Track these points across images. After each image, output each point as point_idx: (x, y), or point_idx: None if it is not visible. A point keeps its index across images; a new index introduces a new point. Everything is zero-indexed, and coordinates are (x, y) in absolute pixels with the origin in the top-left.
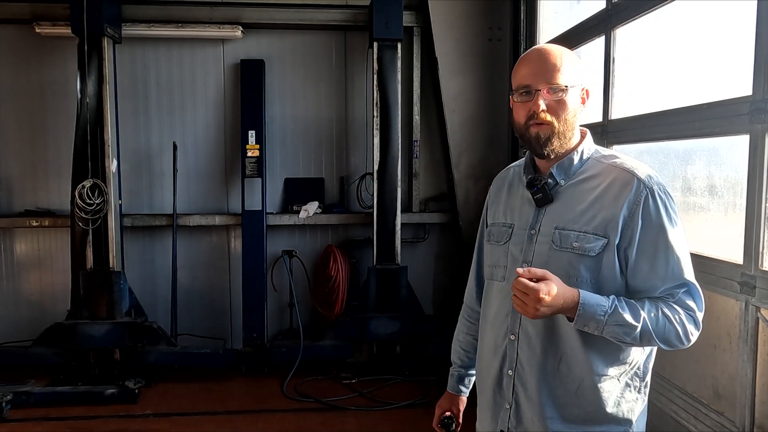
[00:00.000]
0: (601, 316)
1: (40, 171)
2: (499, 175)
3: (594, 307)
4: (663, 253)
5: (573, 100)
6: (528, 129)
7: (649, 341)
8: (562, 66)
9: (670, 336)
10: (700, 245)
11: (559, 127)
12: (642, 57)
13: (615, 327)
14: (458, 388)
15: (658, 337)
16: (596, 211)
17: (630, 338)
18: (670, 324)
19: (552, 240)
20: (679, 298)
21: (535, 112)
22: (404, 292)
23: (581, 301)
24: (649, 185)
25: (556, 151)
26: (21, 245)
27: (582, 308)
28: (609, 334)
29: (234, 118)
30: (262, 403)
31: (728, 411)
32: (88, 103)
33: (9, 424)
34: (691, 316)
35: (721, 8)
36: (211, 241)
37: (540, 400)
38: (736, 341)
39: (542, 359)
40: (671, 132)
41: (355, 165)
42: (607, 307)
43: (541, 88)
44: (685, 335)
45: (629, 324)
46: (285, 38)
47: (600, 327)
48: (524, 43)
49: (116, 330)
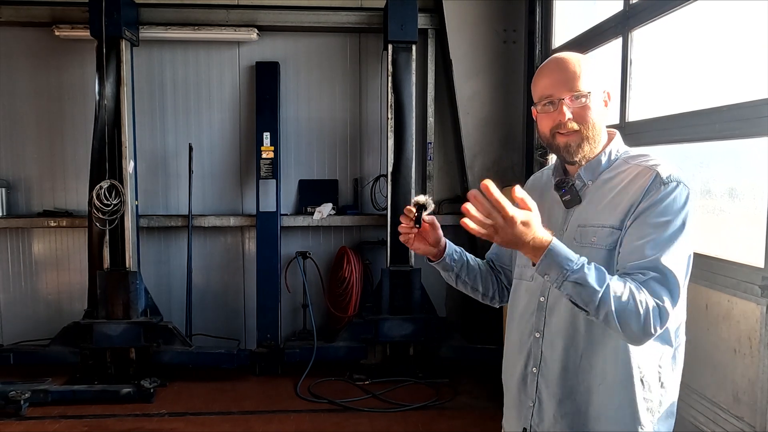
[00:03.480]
0: (564, 269)
1: (58, 172)
2: (533, 176)
3: (560, 257)
4: (652, 232)
5: (596, 104)
6: (555, 138)
7: (606, 314)
8: (582, 72)
9: (630, 318)
10: (720, 249)
11: (587, 132)
12: (660, 58)
13: (575, 285)
14: (451, 251)
15: (616, 313)
16: (615, 205)
17: (587, 303)
18: (634, 305)
19: (574, 237)
20: (648, 281)
21: (561, 121)
22: (417, 293)
23: (551, 246)
24: (666, 179)
25: (588, 156)
26: (39, 245)
27: (548, 253)
28: (567, 291)
29: (249, 119)
30: (276, 403)
31: (748, 416)
32: (106, 105)
33: (27, 421)
34: (658, 307)
35: (741, 9)
36: (225, 242)
37: (562, 397)
38: (756, 345)
39: (564, 356)
40: (690, 134)
41: (369, 167)
42: (575, 262)
43: (564, 96)
44: (647, 325)
45: (590, 286)
46: (300, 40)
47: (560, 279)
48: (539, 44)
49: (132, 329)
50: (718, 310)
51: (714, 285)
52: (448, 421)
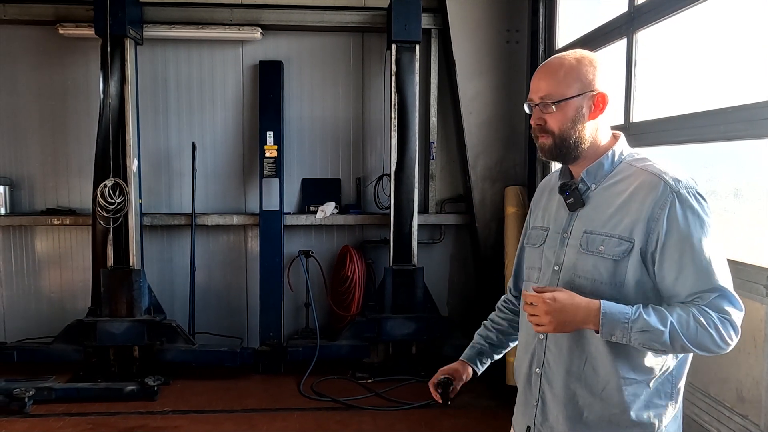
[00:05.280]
0: (624, 323)
1: (62, 170)
2: (544, 179)
3: (617, 315)
4: (689, 258)
5: (573, 110)
6: (537, 139)
7: (682, 347)
8: (560, 78)
9: (704, 340)
10: (725, 249)
11: (556, 138)
12: (664, 59)
13: (641, 333)
14: (474, 359)
15: (690, 342)
16: (623, 215)
17: (659, 344)
18: (703, 329)
19: (580, 243)
20: (711, 301)
21: (536, 124)
22: (420, 292)
23: (603, 309)
24: (675, 189)
25: (567, 158)
26: (42, 243)
27: (604, 317)
28: (637, 342)
29: (252, 118)
30: (279, 401)
31: (753, 414)
32: (110, 103)
33: (32, 419)
34: (726, 320)
35: (746, 10)
36: (228, 240)
37: (565, 399)
38: (761, 344)
39: (568, 359)
40: (695, 135)
41: (372, 166)
42: (630, 313)
43: (538, 103)
44: (722, 339)
45: (655, 329)
46: (303, 40)
47: (626, 334)
48: (542, 45)
49: (136, 328)
50: None
51: None
52: (450, 420)
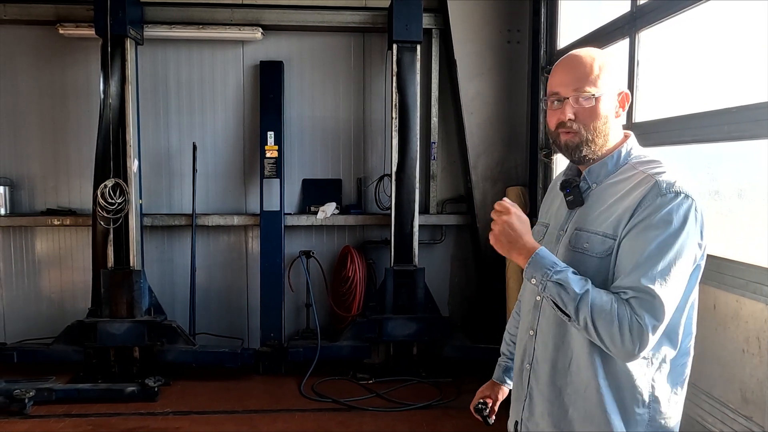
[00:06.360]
0: (547, 270)
1: (62, 170)
2: (555, 177)
3: (546, 262)
4: (642, 247)
5: (606, 107)
6: (558, 136)
7: (585, 321)
8: (594, 73)
9: (607, 328)
10: (729, 249)
11: (587, 135)
12: (667, 59)
13: (556, 285)
14: (502, 377)
15: (592, 321)
16: (611, 213)
17: (567, 304)
18: (611, 317)
19: (569, 240)
20: (631, 299)
21: (562, 120)
22: (421, 293)
23: (538, 252)
24: (665, 190)
25: (588, 157)
26: (42, 244)
27: (534, 257)
28: (549, 293)
29: (253, 119)
30: (280, 402)
31: (757, 415)
32: (110, 103)
33: (32, 420)
34: (639, 325)
35: (750, 9)
36: (229, 241)
37: (550, 396)
38: (765, 345)
39: (554, 357)
40: (699, 135)
41: (373, 166)
42: (559, 267)
43: (570, 96)
44: (623, 339)
45: (570, 288)
46: (304, 40)
47: (544, 281)
48: (544, 45)
49: (136, 328)
50: (726, 310)
51: (722, 285)
52: (451, 420)
